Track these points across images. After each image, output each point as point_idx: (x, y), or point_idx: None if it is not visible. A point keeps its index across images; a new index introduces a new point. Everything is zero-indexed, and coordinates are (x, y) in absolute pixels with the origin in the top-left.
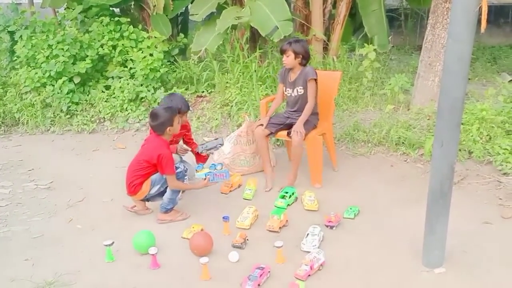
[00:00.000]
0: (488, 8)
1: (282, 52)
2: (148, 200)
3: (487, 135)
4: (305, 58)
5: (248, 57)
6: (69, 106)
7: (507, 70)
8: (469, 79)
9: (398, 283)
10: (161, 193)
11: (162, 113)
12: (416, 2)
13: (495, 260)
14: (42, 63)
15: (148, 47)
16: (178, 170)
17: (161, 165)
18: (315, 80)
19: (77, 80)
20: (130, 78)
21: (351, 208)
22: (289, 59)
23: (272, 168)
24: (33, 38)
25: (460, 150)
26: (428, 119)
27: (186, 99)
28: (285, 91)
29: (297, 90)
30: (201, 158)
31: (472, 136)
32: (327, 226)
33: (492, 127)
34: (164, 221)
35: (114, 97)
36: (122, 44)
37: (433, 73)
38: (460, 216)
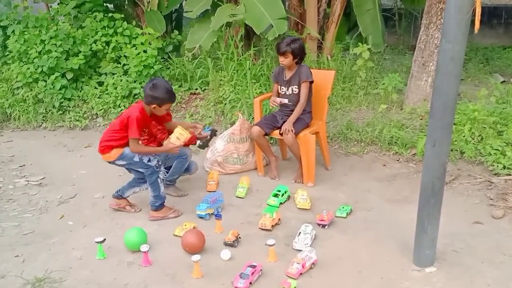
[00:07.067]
0: (481, 9)
1: (281, 53)
2: (121, 195)
3: (479, 136)
4: (302, 58)
5: (242, 55)
6: (62, 102)
7: (500, 71)
8: (462, 79)
9: (389, 281)
10: (134, 184)
11: (163, 90)
12: (410, 2)
13: (485, 260)
14: (34, 58)
15: (142, 43)
16: (150, 163)
17: (127, 127)
18: (310, 82)
19: (69, 76)
20: (123, 74)
21: (343, 207)
22: (287, 60)
23: (275, 158)
24: (25, 33)
25: (452, 150)
26: (421, 119)
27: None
28: (280, 89)
29: (292, 89)
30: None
31: (464, 136)
32: (319, 225)
33: (484, 127)
34: (156, 218)
35: (107, 93)
36: (116, 40)
37: (426, 73)
38: (452, 216)
